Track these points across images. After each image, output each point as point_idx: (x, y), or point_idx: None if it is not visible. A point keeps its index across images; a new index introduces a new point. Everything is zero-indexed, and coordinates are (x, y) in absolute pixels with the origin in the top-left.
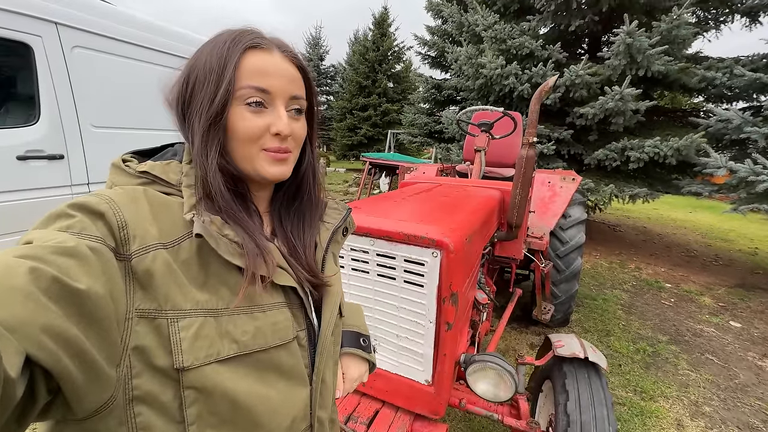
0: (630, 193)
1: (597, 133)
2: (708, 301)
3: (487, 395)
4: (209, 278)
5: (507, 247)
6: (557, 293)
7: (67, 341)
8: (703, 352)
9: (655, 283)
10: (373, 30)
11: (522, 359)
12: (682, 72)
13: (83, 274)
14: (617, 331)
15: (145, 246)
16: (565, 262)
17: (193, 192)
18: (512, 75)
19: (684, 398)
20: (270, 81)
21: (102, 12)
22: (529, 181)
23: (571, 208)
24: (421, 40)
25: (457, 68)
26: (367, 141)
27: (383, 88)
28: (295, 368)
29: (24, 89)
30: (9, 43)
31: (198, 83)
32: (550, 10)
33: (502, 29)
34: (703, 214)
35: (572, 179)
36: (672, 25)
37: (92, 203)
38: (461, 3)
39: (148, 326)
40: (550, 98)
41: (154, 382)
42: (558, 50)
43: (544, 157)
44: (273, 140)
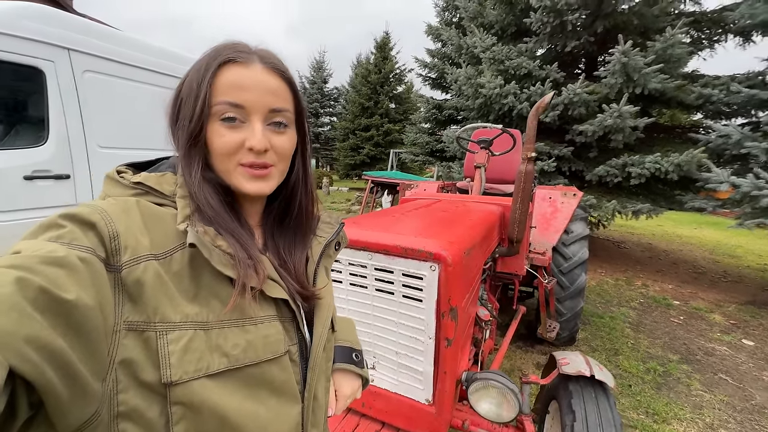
0: (633, 209)
1: (597, 150)
2: (719, 319)
3: (490, 415)
4: (200, 290)
5: (509, 263)
6: (562, 310)
7: (52, 353)
8: (716, 371)
9: (663, 300)
10: (375, 53)
11: (526, 378)
12: (679, 89)
13: (72, 285)
14: (626, 349)
15: (136, 257)
16: (569, 279)
17: (187, 203)
18: (511, 94)
19: (699, 420)
20: (245, 95)
21: (112, 38)
22: (528, 195)
23: (573, 223)
24: (422, 62)
25: (457, 88)
26: (369, 160)
27: (385, 109)
28: (286, 384)
29: (34, 111)
30: (22, 68)
31: (182, 101)
32: (546, 32)
33: (500, 50)
34: (709, 230)
35: (573, 195)
36: (666, 45)
37: (83, 213)
38: (460, 27)
39: (137, 339)
40: (549, 116)
41: (141, 398)
42: (555, 70)
43: (545, 174)
44: (248, 155)
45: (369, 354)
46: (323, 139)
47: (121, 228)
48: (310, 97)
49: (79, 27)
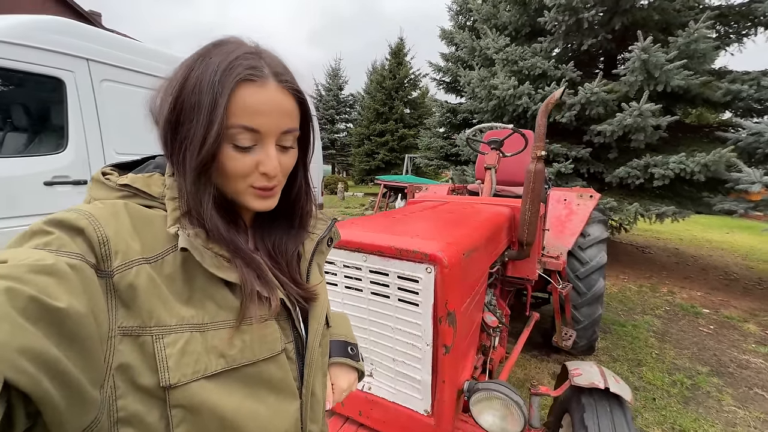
0: (657, 212)
1: (617, 151)
2: (753, 329)
3: (494, 429)
4: (194, 293)
5: (520, 267)
6: (579, 318)
7: (47, 363)
8: (751, 386)
9: (691, 308)
10: (389, 60)
11: (536, 389)
12: (705, 86)
13: (63, 293)
14: (650, 360)
15: (128, 261)
16: (585, 284)
17: (177, 205)
18: (525, 95)
19: None
20: (261, 119)
21: (129, 48)
22: (539, 195)
23: (589, 226)
24: (436, 66)
25: (470, 91)
26: (384, 165)
27: (400, 114)
28: (284, 381)
29: (55, 120)
30: (44, 78)
31: (186, 111)
32: (561, 31)
33: (513, 51)
34: (742, 235)
35: (590, 196)
36: (690, 40)
37: (70, 219)
38: (473, 30)
39: (132, 344)
40: (566, 116)
41: (140, 403)
42: (571, 69)
43: (563, 176)
44: (261, 179)
45: (366, 361)
46: (339, 145)
47: (110, 232)
48: (325, 104)
49: (98, 38)
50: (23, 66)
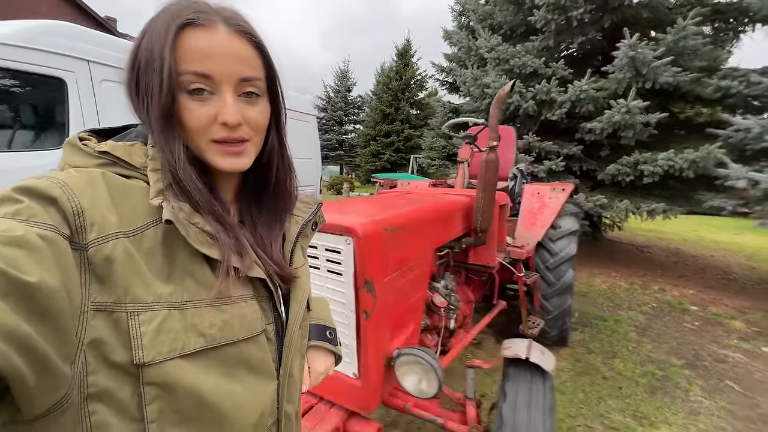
0: (647, 209)
1: (609, 148)
2: (739, 326)
3: (414, 390)
4: (174, 269)
5: (480, 255)
6: (549, 307)
7: (16, 339)
8: (723, 378)
9: (679, 305)
10: (396, 61)
11: (470, 362)
12: (696, 83)
13: (33, 266)
14: (625, 353)
15: (104, 235)
16: (555, 275)
17: (160, 177)
18: (516, 93)
19: (691, 426)
20: (212, 64)
21: (127, 50)
22: (492, 185)
23: (561, 219)
24: (439, 67)
25: (466, 90)
26: (390, 166)
27: (406, 115)
28: (262, 362)
29: (58, 117)
30: (47, 79)
31: (142, 67)
32: (551, 29)
33: (504, 50)
34: (751, 236)
35: (562, 189)
36: (678, 37)
37: (42, 187)
38: (470, 29)
39: (106, 320)
40: (557, 114)
41: (111, 379)
42: (562, 67)
43: (554, 173)
44: (221, 130)
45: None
46: (347, 146)
47: (85, 203)
48: (334, 106)
49: (98, 41)
50: (29, 67)
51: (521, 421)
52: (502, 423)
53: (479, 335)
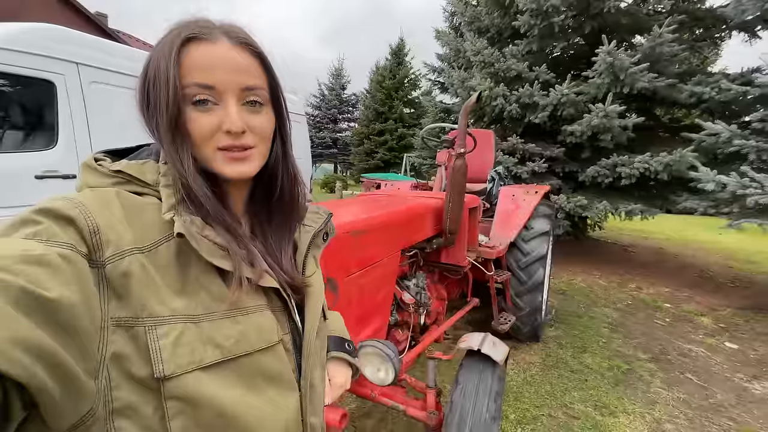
0: (625, 210)
1: (590, 150)
2: (707, 322)
3: (373, 378)
4: (188, 283)
5: (451, 254)
6: (521, 305)
7: (41, 354)
8: (683, 371)
9: (653, 302)
10: (389, 59)
11: (431, 354)
12: (672, 88)
13: (54, 283)
14: (595, 347)
15: (120, 252)
16: (526, 273)
17: (172, 192)
18: (500, 96)
19: (647, 415)
20: (215, 75)
21: (116, 51)
22: (461, 189)
23: (534, 220)
24: (431, 67)
25: (454, 92)
26: (383, 165)
27: (399, 114)
28: (282, 373)
29: (47, 118)
30: (35, 81)
31: (150, 83)
32: (534, 34)
33: (490, 54)
34: (734, 236)
35: (535, 192)
36: (655, 43)
37: (60, 208)
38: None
39: (125, 335)
40: (539, 117)
41: (135, 394)
42: (545, 71)
43: (537, 175)
44: (225, 138)
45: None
46: (341, 145)
47: (101, 222)
48: (328, 104)
49: (87, 43)
50: (17, 70)
51: (468, 406)
52: (452, 408)
53: (456, 331)
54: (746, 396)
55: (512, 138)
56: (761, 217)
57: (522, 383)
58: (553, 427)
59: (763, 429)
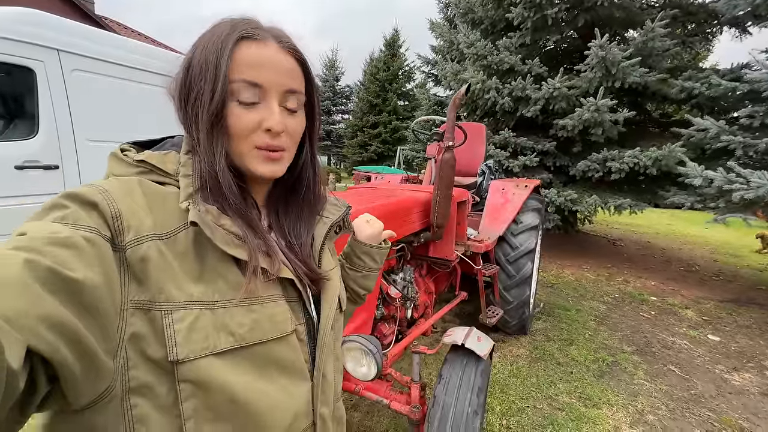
0: (614, 204)
1: (581, 145)
2: (691, 315)
3: (356, 373)
4: (205, 270)
5: (438, 248)
6: (509, 298)
7: (64, 331)
8: (666, 363)
9: (639, 295)
10: (383, 51)
11: (416, 348)
12: (663, 83)
13: (79, 265)
14: (581, 340)
15: (140, 237)
16: (514, 267)
17: (191, 182)
18: (493, 89)
19: (630, 406)
20: (263, 74)
21: (98, 38)
22: (449, 183)
23: (523, 214)
24: (425, 59)
25: (447, 84)
26: (377, 157)
27: (393, 106)
28: (295, 363)
29: (26, 107)
30: (13, 68)
31: (195, 75)
32: (528, 27)
33: (482, 46)
34: (720, 230)
35: (525, 186)
36: (647, 38)
37: (85, 193)
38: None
39: (143, 318)
40: (531, 111)
41: (150, 374)
42: (538, 65)
43: (528, 168)
44: (264, 136)
45: None
46: (335, 137)
47: (123, 207)
48: (322, 95)
49: (68, 29)
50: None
51: (450, 401)
52: (434, 403)
53: (444, 323)
54: (726, 387)
55: (504, 131)
56: (746, 212)
57: (509, 376)
58: (538, 418)
59: (741, 419)
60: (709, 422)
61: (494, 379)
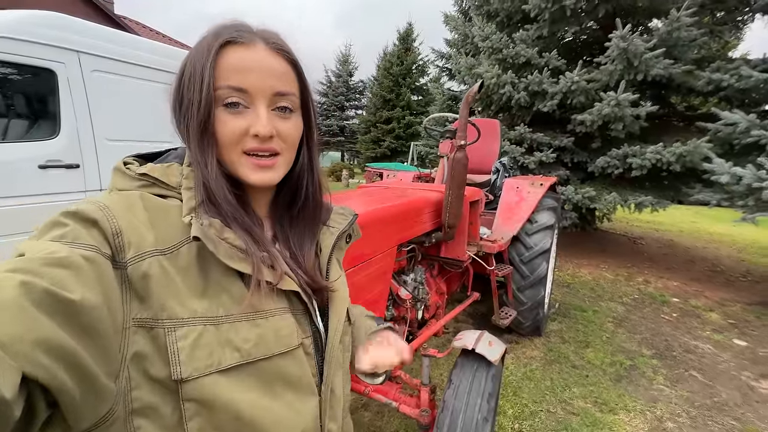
0: (635, 202)
1: (600, 140)
2: (715, 317)
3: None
4: (209, 285)
5: (450, 248)
6: (523, 299)
7: (63, 355)
8: (688, 368)
9: (660, 296)
10: (397, 45)
11: (425, 351)
12: (689, 75)
13: (77, 285)
14: (598, 343)
15: (141, 253)
16: (529, 268)
17: (193, 195)
18: (508, 83)
19: (648, 413)
20: (249, 79)
21: (117, 39)
22: (460, 182)
23: (538, 213)
24: (438, 52)
25: (461, 78)
26: (390, 153)
27: (407, 101)
28: (301, 378)
29: (48, 108)
30: (36, 70)
31: (185, 84)
32: (545, 18)
33: (498, 39)
34: (749, 228)
35: (540, 184)
36: (672, 28)
37: (85, 211)
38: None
39: (146, 336)
40: (548, 105)
41: (154, 394)
42: (555, 57)
43: (545, 165)
44: (253, 141)
45: None
46: (348, 132)
47: (123, 224)
48: (335, 91)
49: (87, 31)
50: (18, 59)
51: (460, 406)
52: (444, 407)
53: (457, 323)
54: (752, 395)
55: (520, 127)
56: None
57: (522, 378)
58: (551, 423)
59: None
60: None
61: (507, 382)
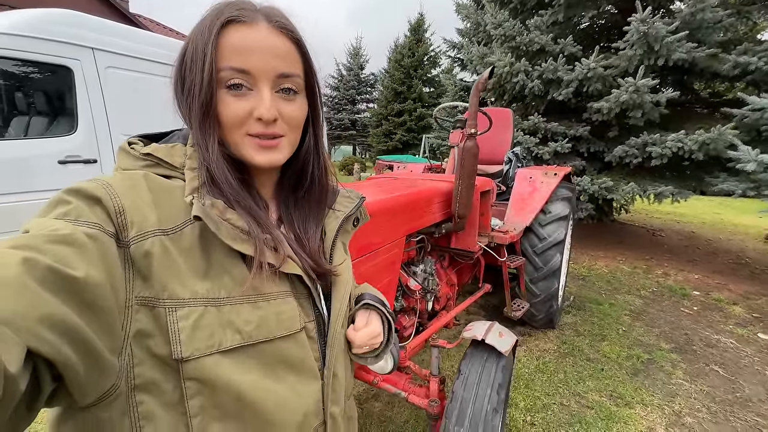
0: (654, 192)
1: (618, 129)
2: (739, 311)
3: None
4: (212, 266)
5: (460, 239)
6: (536, 291)
7: (66, 330)
8: (709, 363)
9: (680, 289)
10: (408, 36)
11: (435, 342)
12: (713, 59)
13: (80, 262)
14: (614, 336)
15: (143, 232)
16: (542, 259)
17: (196, 175)
18: (521, 72)
19: (666, 407)
20: (251, 59)
21: (131, 36)
22: (471, 172)
23: (552, 204)
24: (450, 43)
25: (473, 68)
26: (402, 146)
27: (418, 93)
28: (304, 361)
29: (66, 104)
30: (54, 67)
31: (186, 65)
32: (560, 3)
33: (511, 26)
34: None
35: (554, 174)
36: (696, 9)
37: (88, 189)
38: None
39: (148, 315)
40: (563, 94)
41: (156, 371)
42: (571, 44)
43: (560, 155)
44: (257, 125)
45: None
46: (360, 126)
47: (126, 203)
48: (346, 84)
49: (102, 28)
50: (35, 56)
51: (469, 397)
52: (453, 398)
53: (468, 315)
54: None
55: (534, 116)
56: None
57: (534, 370)
58: (564, 416)
59: None
60: (757, 428)
61: (519, 374)
